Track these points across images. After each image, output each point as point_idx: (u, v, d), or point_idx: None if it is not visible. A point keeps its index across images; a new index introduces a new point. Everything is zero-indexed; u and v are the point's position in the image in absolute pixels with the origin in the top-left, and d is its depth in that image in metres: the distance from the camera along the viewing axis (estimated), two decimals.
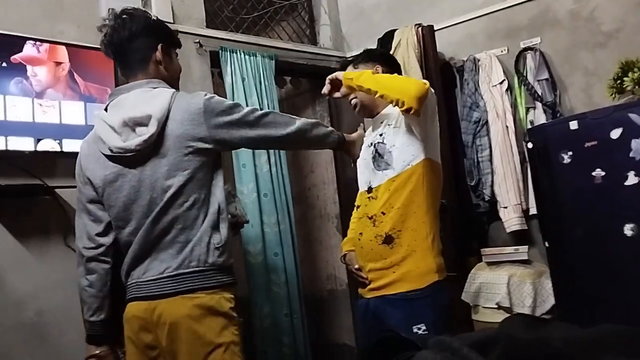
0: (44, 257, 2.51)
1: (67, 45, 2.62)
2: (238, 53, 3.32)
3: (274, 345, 3.22)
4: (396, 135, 2.03)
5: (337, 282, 4.10)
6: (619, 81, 2.62)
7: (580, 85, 3.05)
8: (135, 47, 1.73)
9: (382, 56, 2.33)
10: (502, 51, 3.27)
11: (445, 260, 2.08)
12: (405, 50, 3.28)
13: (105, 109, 1.73)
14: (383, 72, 2.16)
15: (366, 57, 2.25)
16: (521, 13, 3.25)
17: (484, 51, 3.30)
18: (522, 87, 3.15)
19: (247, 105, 1.84)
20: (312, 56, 3.88)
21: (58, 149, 2.52)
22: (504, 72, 3.20)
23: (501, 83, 3.19)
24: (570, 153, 2.58)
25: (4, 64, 2.41)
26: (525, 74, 3.15)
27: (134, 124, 1.63)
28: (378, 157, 2.08)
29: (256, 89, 3.34)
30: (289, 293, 3.31)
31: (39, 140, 2.47)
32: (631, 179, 2.39)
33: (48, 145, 2.50)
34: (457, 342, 1.21)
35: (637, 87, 2.55)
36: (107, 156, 1.68)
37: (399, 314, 2.00)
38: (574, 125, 2.56)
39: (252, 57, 3.38)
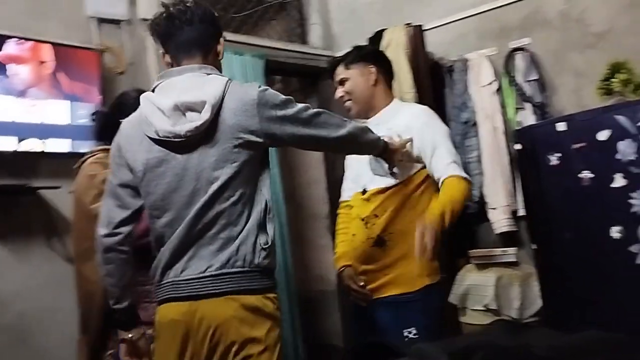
0: (27, 258, 2.49)
1: (52, 44, 2.60)
2: (227, 52, 3.27)
3: None
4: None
5: (326, 283, 4.08)
6: (607, 82, 2.61)
7: (570, 86, 3.04)
8: (198, 34, 1.66)
9: (374, 56, 2.28)
10: (492, 51, 3.25)
11: None
12: (395, 50, 3.26)
13: (153, 90, 1.65)
14: (378, 74, 2.14)
15: (358, 57, 2.20)
16: (512, 13, 3.24)
17: (474, 51, 3.28)
18: (512, 87, 3.13)
19: None
20: (302, 56, 3.85)
21: (42, 149, 2.50)
22: (493, 72, 3.19)
23: (491, 83, 3.17)
24: (558, 154, 2.56)
25: None
26: (514, 75, 3.13)
27: (185, 109, 1.54)
28: (376, 162, 2.06)
29: None
30: (278, 294, 3.28)
31: (21, 139, 2.45)
32: (618, 181, 2.38)
33: (31, 145, 2.48)
34: (436, 350, 1.20)
35: (625, 88, 2.54)
36: (152, 139, 1.58)
37: (390, 317, 2.01)
38: (561, 126, 2.55)
39: (240, 57, 3.35)
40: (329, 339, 4.02)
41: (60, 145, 2.56)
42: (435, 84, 3.32)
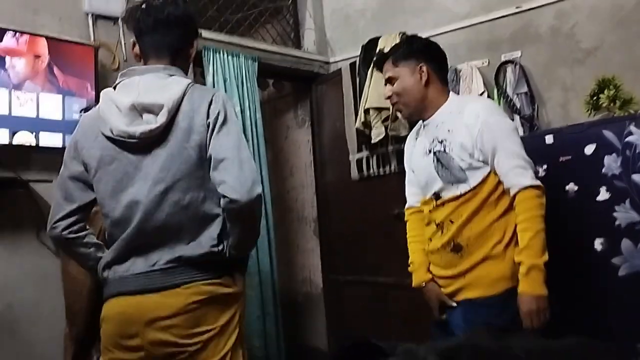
0: (16, 251, 2.49)
1: (47, 38, 2.60)
2: (221, 53, 3.32)
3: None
4: (472, 155, 1.92)
5: (312, 285, 4.10)
6: (595, 98, 2.66)
7: (558, 100, 3.10)
8: (171, 38, 1.65)
9: (425, 51, 2.06)
10: (483, 63, 3.30)
11: None
12: None
13: (114, 87, 1.65)
14: (430, 72, 1.99)
15: (407, 54, 2.02)
16: (503, 26, 3.29)
17: (465, 62, 3.33)
18: (502, 99, 3.18)
19: None
20: (296, 60, 3.89)
21: (34, 142, 2.50)
22: (484, 83, 3.24)
23: (481, 94, 3.22)
24: (545, 166, 2.61)
25: None
26: (504, 87, 3.18)
27: (142, 110, 1.55)
28: (443, 168, 1.97)
29: (238, 90, 3.34)
30: (263, 295, 3.30)
31: (14, 132, 2.45)
32: (602, 195, 2.43)
33: (24, 138, 2.47)
34: (424, 351, 1.23)
35: (612, 104, 2.59)
36: (106, 137, 1.58)
37: (461, 319, 1.94)
38: (549, 139, 2.60)
39: (235, 58, 3.38)
40: (313, 341, 4.04)
41: (52, 140, 2.55)
42: None
